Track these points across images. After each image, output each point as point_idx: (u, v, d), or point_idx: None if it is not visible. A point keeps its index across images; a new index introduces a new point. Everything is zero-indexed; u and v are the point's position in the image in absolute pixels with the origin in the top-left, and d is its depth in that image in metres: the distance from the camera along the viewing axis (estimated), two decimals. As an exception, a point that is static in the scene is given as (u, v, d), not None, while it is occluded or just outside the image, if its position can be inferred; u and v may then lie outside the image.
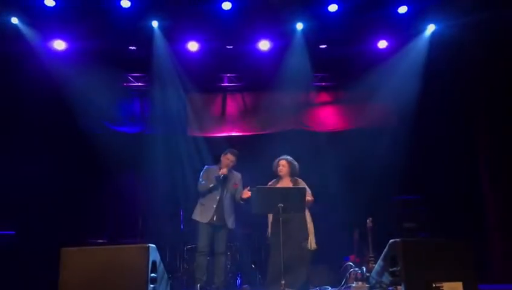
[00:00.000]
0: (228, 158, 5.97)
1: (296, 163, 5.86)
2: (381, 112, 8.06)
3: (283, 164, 5.81)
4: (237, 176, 6.05)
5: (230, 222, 5.87)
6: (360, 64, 7.87)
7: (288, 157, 5.87)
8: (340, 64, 8.02)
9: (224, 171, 5.81)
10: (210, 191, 5.85)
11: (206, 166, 6.19)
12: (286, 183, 5.74)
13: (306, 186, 5.59)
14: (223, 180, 5.85)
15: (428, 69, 7.60)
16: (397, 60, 7.74)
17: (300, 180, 5.77)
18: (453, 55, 7.34)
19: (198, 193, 6.05)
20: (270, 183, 5.77)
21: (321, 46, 7.80)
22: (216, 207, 5.79)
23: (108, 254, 4.05)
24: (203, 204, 5.87)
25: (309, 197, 5.52)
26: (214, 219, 5.77)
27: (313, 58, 7.78)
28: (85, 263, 3.95)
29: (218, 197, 5.84)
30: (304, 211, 5.28)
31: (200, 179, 5.96)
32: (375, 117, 8.06)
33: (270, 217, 5.71)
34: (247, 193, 5.67)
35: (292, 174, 5.81)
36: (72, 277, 3.89)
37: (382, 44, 7.80)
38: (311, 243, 5.54)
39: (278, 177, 5.83)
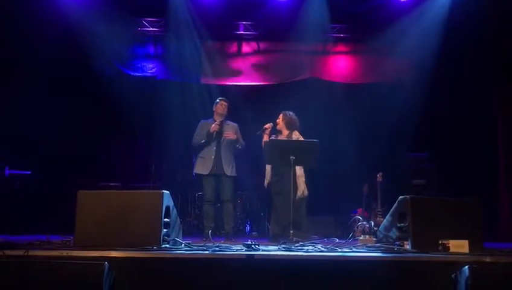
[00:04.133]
0: (222, 104, 5.94)
1: (293, 116, 5.76)
2: (399, 66, 7.90)
3: (280, 118, 5.78)
4: (233, 126, 6.00)
5: (230, 170, 5.87)
6: (380, 16, 7.65)
7: (286, 111, 5.80)
8: (360, 16, 7.80)
9: (215, 128, 5.79)
10: (205, 144, 5.86)
11: (202, 120, 6.12)
12: (283, 137, 5.72)
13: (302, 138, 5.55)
14: (217, 135, 5.83)
15: (449, 24, 7.39)
16: (418, 14, 7.52)
17: (295, 132, 5.70)
18: (474, 11, 7.09)
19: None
20: (271, 137, 5.68)
21: (341, -4, 7.61)
22: (214, 158, 5.82)
23: (123, 198, 4.11)
24: (203, 157, 5.90)
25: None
26: (214, 169, 5.82)
27: (332, 8, 7.59)
28: (101, 205, 4.02)
29: (215, 148, 5.85)
30: (316, 165, 5.27)
31: (195, 134, 5.95)
32: (393, 71, 7.91)
33: (268, 168, 5.73)
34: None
35: (289, 127, 5.75)
36: (87, 218, 3.96)
37: (404, -5, 7.57)
38: (304, 191, 5.49)
39: (278, 132, 5.80)
